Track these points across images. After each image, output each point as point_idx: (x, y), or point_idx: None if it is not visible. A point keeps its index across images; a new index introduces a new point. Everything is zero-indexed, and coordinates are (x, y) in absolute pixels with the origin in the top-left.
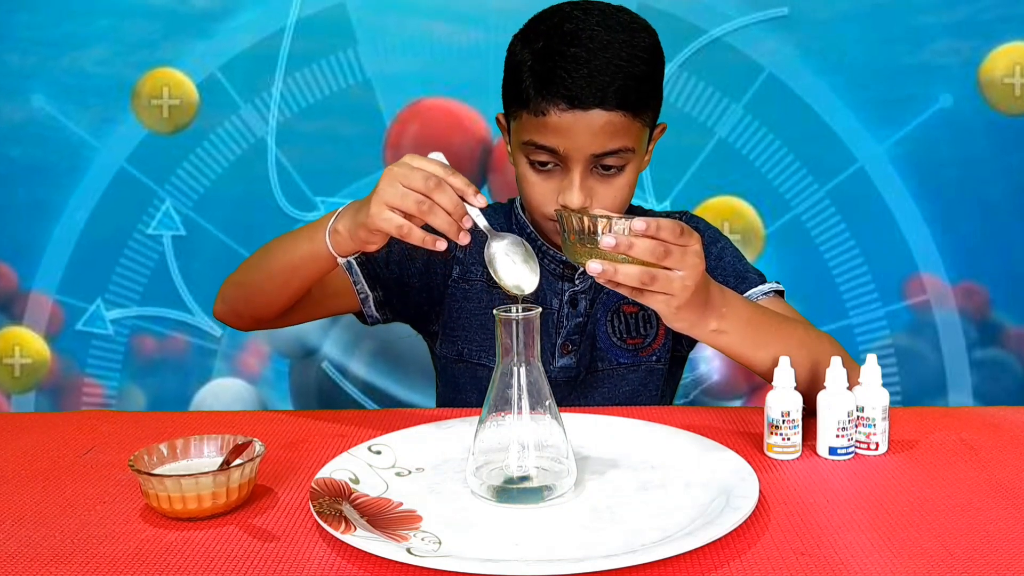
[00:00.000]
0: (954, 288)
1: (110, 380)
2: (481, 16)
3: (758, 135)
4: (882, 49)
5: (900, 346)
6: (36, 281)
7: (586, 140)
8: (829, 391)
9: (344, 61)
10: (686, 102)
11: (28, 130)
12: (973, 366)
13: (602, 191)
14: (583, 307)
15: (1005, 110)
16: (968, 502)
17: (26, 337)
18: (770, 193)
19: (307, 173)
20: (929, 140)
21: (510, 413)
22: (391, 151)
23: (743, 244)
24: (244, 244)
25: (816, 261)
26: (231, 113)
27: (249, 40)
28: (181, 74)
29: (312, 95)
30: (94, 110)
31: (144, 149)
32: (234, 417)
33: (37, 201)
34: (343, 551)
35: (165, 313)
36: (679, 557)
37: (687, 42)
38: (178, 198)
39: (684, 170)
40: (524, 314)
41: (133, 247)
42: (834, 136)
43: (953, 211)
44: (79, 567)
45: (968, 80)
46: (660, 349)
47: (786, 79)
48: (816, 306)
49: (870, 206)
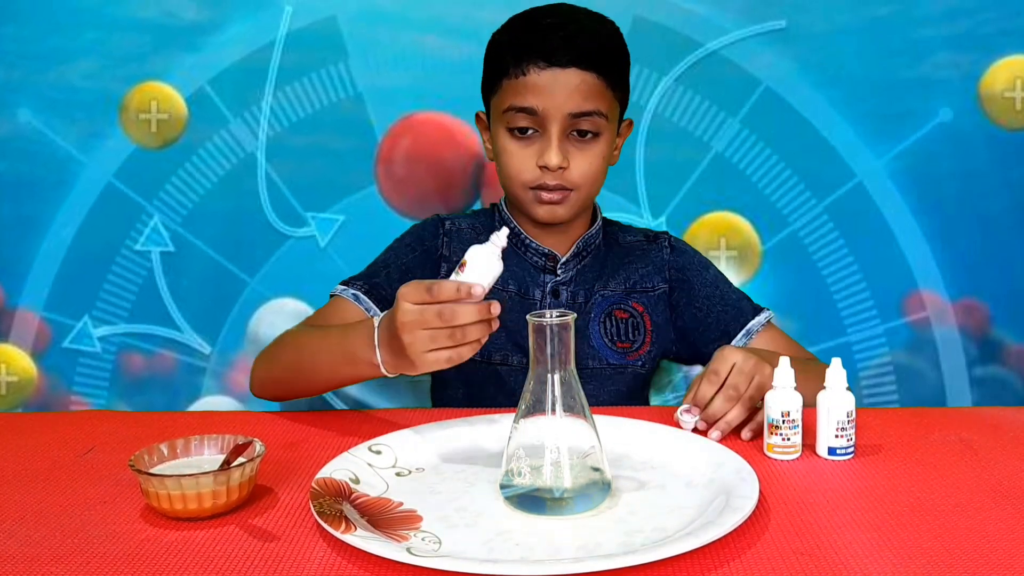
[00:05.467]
0: (954, 305)
1: (97, 398)
2: (473, 30)
3: (755, 149)
4: (881, 63)
5: (899, 363)
6: (23, 297)
7: (563, 98)
8: (829, 391)
9: (335, 75)
10: (682, 116)
11: (14, 144)
12: (973, 383)
13: (579, 156)
14: (565, 298)
15: (1006, 124)
16: (968, 502)
17: (12, 354)
18: (767, 208)
19: (297, 188)
20: (929, 155)
21: (544, 419)
22: (383, 165)
23: (740, 260)
24: (233, 260)
25: (814, 277)
26: (220, 127)
27: (239, 53)
28: (170, 88)
29: (303, 109)
30: (81, 124)
31: (132, 164)
32: (234, 417)
33: (23, 216)
34: (343, 551)
35: (153, 330)
36: (679, 557)
37: (683, 55)
38: (167, 213)
39: (680, 185)
40: (559, 319)
41: (121, 263)
42: (832, 151)
43: (953, 227)
44: (79, 567)
45: (968, 94)
46: (645, 355)
47: (784, 93)
48: (814, 323)
49: (869, 222)
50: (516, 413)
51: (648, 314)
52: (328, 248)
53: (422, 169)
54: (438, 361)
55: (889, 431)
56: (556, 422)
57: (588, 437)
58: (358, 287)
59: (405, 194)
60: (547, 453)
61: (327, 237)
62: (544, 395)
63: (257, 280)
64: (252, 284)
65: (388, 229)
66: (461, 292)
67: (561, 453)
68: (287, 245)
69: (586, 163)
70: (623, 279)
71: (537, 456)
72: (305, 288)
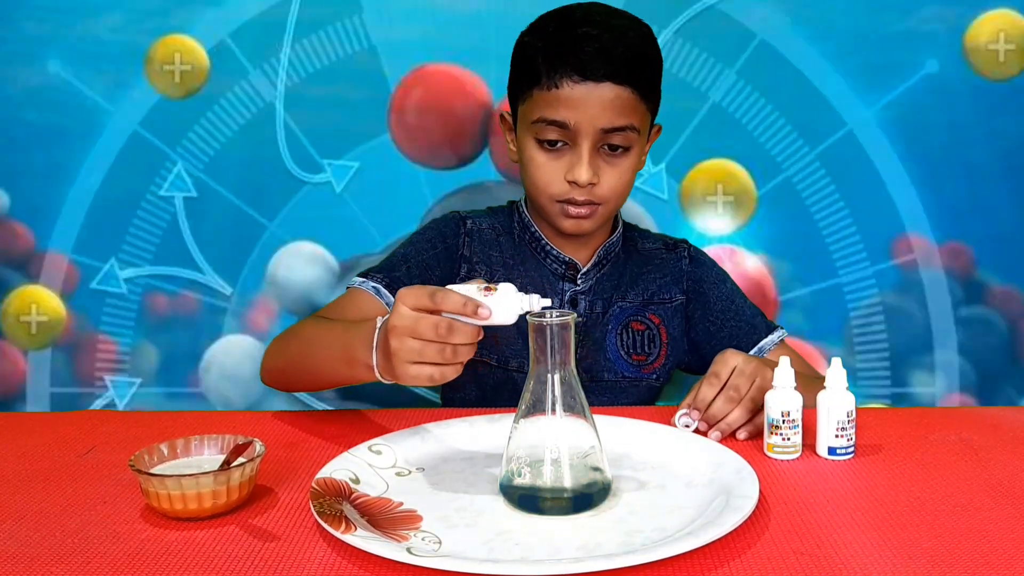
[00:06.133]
0: (940, 248)
1: (124, 337)
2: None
3: (750, 100)
4: (870, 17)
5: (888, 304)
6: (52, 241)
7: (596, 113)
8: (829, 391)
9: (350, 28)
10: (681, 67)
11: (44, 95)
12: (959, 323)
13: (608, 171)
14: (583, 307)
15: (989, 75)
16: (968, 502)
17: (42, 295)
18: (762, 156)
19: (314, 136)
20: (916, 104)
21: (544, 419)
22: (395, 115)
23: (736, 205)
24: (253, 205)
25: (806, 222)
26: (241, 78)
27: (258, 7)
28: (192, 40)
29: (319, 61)
30: (108, 75)
31: (156, 113)
32: (234, 417)
33: (53, 164)
34: (343, 551)
35: (177, 272)
36: (679, 557)
37: (682, 9)
38: (190, 161)
39: (679, 134)
40: (559, 319)
41: (146, 208)
42: (824, 101)
43: (939, 173)
44: (79, 567)
45: (954, 46)
46: (660, 368)
47: (778, 45)
48: (806, 265)
49: (859, 168)
50: (516, 413)
51: (665, 326)
52: (343, 193)
53: (433, 118)
54: (419, 376)
55: (889, 431)
56: (556, 422)
57: (588, 437)
58: (378, 280)
59: (416, 142)
60: (547, 453)
61: (342, 183)
62: (544, 395)
63: (276, 224)
64: (271, 228)
65: (400, 175)
66: (467, 308)
67: (561, 453)
68: (304, 191)
69: (615, 178)
70: (641, 290)
71: (537, 456)
72: (321, 232)
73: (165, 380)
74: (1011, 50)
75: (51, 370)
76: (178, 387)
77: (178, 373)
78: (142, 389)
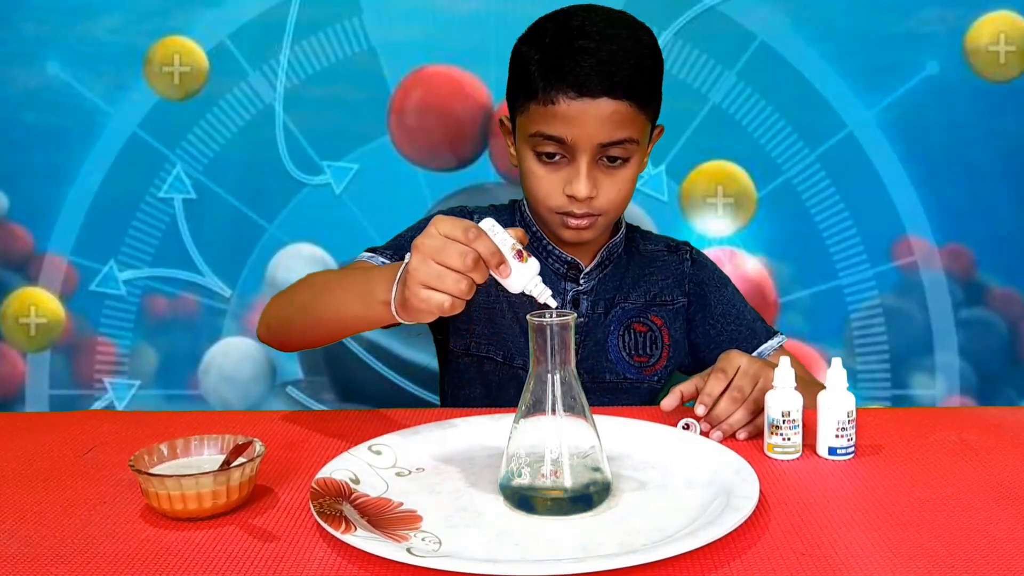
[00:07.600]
0: (940, 249)
1: (123, 339)
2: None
3: (751, 101)
4: (871, 18)
5: (888, 306)
6: (51, 243)
7: (594, 129)
8: (829, 391)
9: (349, 29)
10: (681, 69)
11: (44, 96)
12: (959, 325)
13: (607, 183)
14: (585, 308)
15: (990, 77)
16: (968, 502)
17: (41, 297)
18: (762, 157)
19: (314, 138)
20: (916, 106)
21: (544, 419)
22: (395, 116)
23: (736, 207)
24: (252, 207)
25: (806, 224)
26: (240, 80)
27: (257, 9)
28: (191, 42)
29: (319, 62)
30: (107, 77)
31: (156, 115)
32: (234, 417)
33: (52, 165)
34: (343, 551)
35: (176, 274)
36: (679, 557)
37: (682, 11)
38: (189, 162)
39: (679, 135)
40: (559, 319)
41: (145, 210)
42: (824, 102)
43: (939, 175)
44: (79, 567)
45: (954, 48)
46: (661, 371)
47: (778, 47)
48: (806, 267)
49: (859, 170)
50: (516, 413)
51: (667, 328)
52: (343, 195)
53: (432, 120)
54: (429, 301)
55: (889, 431)
56: (556, 422)
57: (588, 437)
58: (387, 256)
59: (416, 143)
60: (547, 453)
61: (342, 185)
62: (544, 395)
63: (275, 226)
64: (270, 230)
65: (400, 177)
66: (493, 259)
67: (561, 453)
68: (303, 192)
69: (615, 189)
70: (643, 291)
71: (537, 456)
72: (321, 234)
73: (164, 382)
74: (1011, 52)
75: (50, 372)
76: (177, 389)
77: (177, 375)
78: (141, 391)
